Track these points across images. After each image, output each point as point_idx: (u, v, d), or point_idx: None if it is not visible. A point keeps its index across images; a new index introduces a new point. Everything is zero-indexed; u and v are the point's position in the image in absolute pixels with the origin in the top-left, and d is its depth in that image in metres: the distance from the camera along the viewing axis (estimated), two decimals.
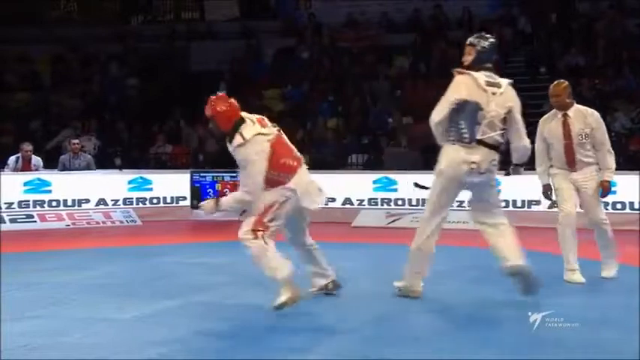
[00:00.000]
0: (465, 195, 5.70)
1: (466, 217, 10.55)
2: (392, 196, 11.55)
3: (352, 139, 13.94)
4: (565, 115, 6.36)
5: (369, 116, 14.43)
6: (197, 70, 16.90)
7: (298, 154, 5.56)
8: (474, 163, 5.28)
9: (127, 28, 18.68)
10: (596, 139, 6.29)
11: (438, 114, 5.38)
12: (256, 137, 5.23)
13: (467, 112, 5.29)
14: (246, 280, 6.57)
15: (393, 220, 11.20)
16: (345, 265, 7.33)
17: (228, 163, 14.03)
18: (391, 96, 14.78)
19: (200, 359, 4.19)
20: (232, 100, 5.44)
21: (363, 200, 11.66)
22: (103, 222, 11.53)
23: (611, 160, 6.31)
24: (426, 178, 11.42)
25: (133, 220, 11.70)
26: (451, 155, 5.35)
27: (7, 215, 11.08)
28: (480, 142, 5.30)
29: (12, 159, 11.73)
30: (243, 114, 5.38)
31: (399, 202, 11.48)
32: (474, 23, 15.66)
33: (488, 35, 5.63)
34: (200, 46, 17.28)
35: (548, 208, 6.89)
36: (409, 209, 11.35)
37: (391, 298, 5.69)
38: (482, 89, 5.30)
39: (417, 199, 11.36)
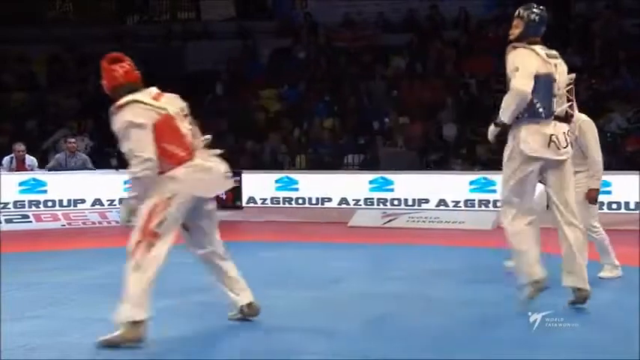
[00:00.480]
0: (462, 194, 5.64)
1: (462, 218, 10.75)
2: (388, 196, 11.57)
3: (348, 139, 13.95)
4: None
5: (365, 116, 14.44)
6: (193, 70, 16.90)
7: (196, 144, 4.58)
8: (552, 135, 4.94)
9: (123, 28, 18.63)
10: (581, 146, 6.16)
11: (526, 85, 4.84)
12: (134, 104, 4.44)
13: (540, 86, 4.92)
14: (244, 280, 6.58)
15: (389, 220, 11.22)
16: (341, 265, 7.37)
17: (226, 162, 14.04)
18: (388, 96, 14.80)
19: (198, 359, 4.19)
20: (128, 62, 4.64)
21: (359, 200, 11.67)
22: (99, 222, 11.51)
23: (595, 169, 6.13)
24: (424, 177, 11.57)
25: None
26: (528, 131, 4.93)
27: (3, 215, 11.06)
28: (555, 117, 5.02)
29: (6, 159, 11.71)
30: (152, 89, 4.60)
31: (395, 202, 11.50)
32: (471, 23, 15.71)
33: (537, 6, 5.21)
34: (196, 46, 17.26)
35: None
36: (405, 209, 11.38)
37: (388, 299, 5.70)
38: (545, 61, 5.00)
39: (414, 199, 11.40)
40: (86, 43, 17.29)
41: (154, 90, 4.62)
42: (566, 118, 5.14)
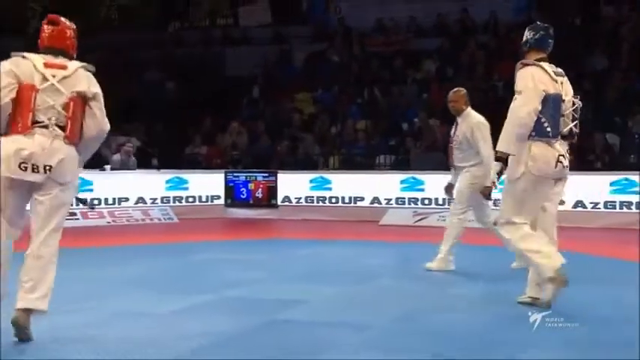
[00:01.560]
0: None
1: (492, 217, 10.60)
2: (419, 195, 11.51)
3: (380, 140, 13.90)
4: (456, 121, 6.80)
5: (396, 118, 14.37)
6: (232, 74, 17.01)
7: (47, 121, 4.10)
8: (561, 156, 4.85)
9: (165, 34, 18.86)
10: (472, 145, 6.54)
11: (532, 104, 4.75)
12: (21, 58, 4.18)
13: (549, 105, 4.80)
14: (279, 275, 6.60)
15: (420, 219, 11.17)
16: (373, 262, 7.35)
17: (261, 160, 14.02)
18: (419, 99, 14.71)
19: (232, 352, 4.19)
20: (59, 27, 4.34)
21: (390, 199, 11.63)
22: (142, 219, 11.66)
23: (487, 167, 6.09)
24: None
25: (170, 218, 11.80)
26: (539, 151, 4.82)
27: None
28: (561, 136, 4.93)
29: None
30: (54, 58, 4.22)
31: (426, 202, 11.44)
32: (500, 27, 15.53)
33: (541, 25, 5.16)
34: (234, 51, 17.38)
35: None
36: (435, 208, 11.31)
37: (416, 295, 5.66)
38: (553, 79, 4.89)
39: (444, 199, 11.31)
40: (130, 48, 17.52)
41: (55, 59, 4.25)
42: (571, 137, 5.04)
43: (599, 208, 10.62)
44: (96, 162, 12.28)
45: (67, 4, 17.93)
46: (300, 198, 12.17)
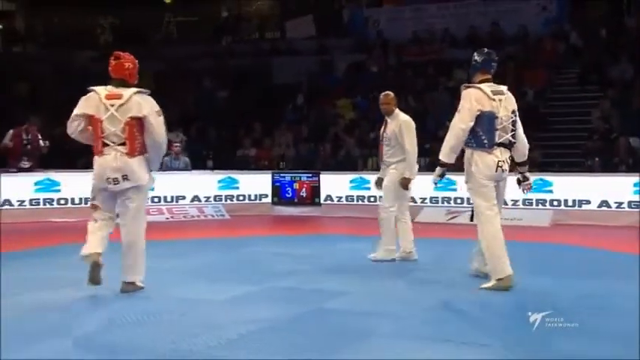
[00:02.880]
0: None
1: (520, 215, 10.49)
2: (452, 195, 11.43)
3: None
4: (386, 121, 6.94)
5: (430, 123, 14.29)
6: (278, 83, 17.13)
7: (112, 141, 5.01)
8: (500, 161, 5.38)
9: (218, 47, 19.08)
10: (400, 142, 6.76)
11: (464, 122, 5.37)
12: (92, 93, 5.04)
13: (484, 121, 5.35)
14: (323, 268, 6.64)
15: (453, 217, 11.08)
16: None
17: (306, 164, 14.09)
18: (450, 105, 14.59)
19: (282, 337, 4.25)
20: (119, 61, 5.09)
21: (425, 198, 11.58)
22: (197, 216, 11.82)
23: (409, 161, 6.81)
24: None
25: (222, 215, 11.94)
26: (481, 159, 5.41)
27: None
28: (499, 145, 5.42)
29: None
30: (113, 89, 5.02)
31: (458, 201, 11.36)
32: (529, 39, 15.32)
33: (486, 50, 5.69)
34: (281, 62, 17.49)
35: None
36: (468, 207, 11.17)
37: (447, 287, 5.65)
38: (491, 99, 5.40)
39: None
40: (187, 60, 17.77)
41: (115, 89, 5.03)
42: (510, 145, 5.51)
43: (623, 208, 10.44)
44: None
45: (131, 21, 18.34)
46: (341, 197, 12.20)
